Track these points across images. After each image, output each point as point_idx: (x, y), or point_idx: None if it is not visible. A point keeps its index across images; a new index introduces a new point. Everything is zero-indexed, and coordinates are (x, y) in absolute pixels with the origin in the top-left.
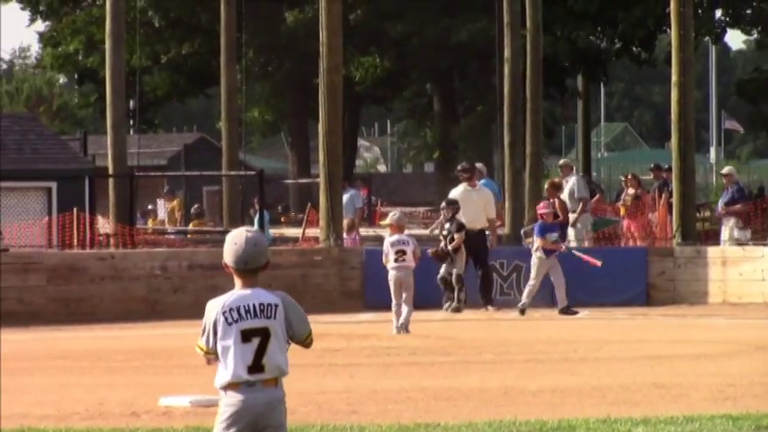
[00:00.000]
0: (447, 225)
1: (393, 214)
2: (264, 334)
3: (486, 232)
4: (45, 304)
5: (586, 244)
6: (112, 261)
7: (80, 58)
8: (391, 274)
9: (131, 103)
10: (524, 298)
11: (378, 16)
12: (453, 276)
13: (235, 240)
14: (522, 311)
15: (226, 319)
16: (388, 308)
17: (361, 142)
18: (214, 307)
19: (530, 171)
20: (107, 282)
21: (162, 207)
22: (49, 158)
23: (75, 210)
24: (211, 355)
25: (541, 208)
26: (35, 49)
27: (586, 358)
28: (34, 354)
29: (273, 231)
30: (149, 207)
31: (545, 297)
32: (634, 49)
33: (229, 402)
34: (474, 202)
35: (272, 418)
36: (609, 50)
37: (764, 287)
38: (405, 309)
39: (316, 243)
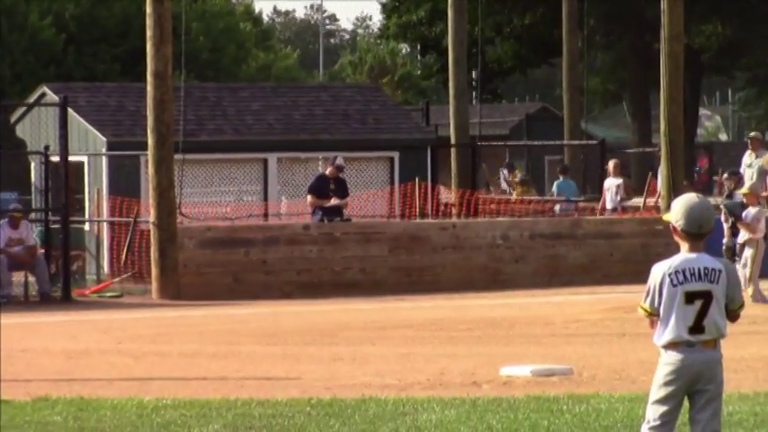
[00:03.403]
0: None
1: (749, 183)
2: (707, 297)
3: None
4: (387, 274)
5: None
6: (454, 231)
7: (423, 28)
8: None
9: (474, 73)
10: None
11: None
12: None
13: (690, 204)
14: None
15: (671, 280)
16: None
17: (703, 111)
18: (660, 269)
19: None
20: (449, 251)
21: (503, 178)
22: (392, 128)
23: (416, 179)
24: (654, 317)
25: None
26: (377, 18)
27: None
28: (376, 324)
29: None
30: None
31: None
32: None
33: (668, 361)
34: None
35: (710, 378)
36: None
37: None
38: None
39: (656, 213)
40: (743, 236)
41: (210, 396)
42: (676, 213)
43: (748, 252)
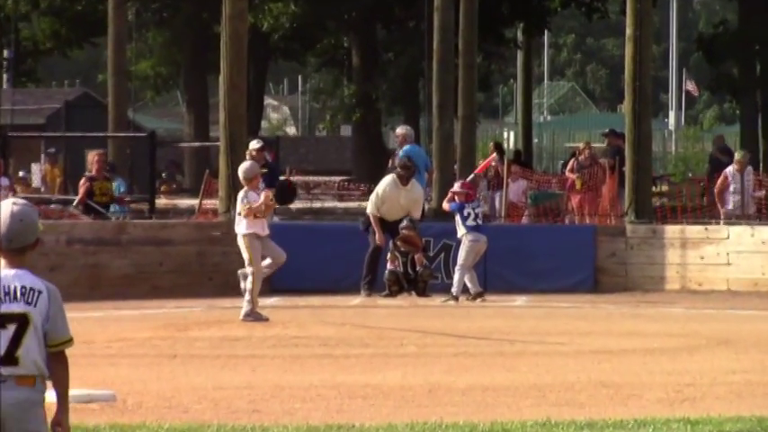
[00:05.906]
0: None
1: None
2: (23, 321)
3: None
4: None
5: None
6: None
7: None
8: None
9: (6, 53)
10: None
11: None
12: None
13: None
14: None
15: None
16: (296, 291)
17: (269, 101)
18: None
19: (461, 137)
20: None
21: (37, 173)
22: None
23: None
24: None
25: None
26: None
27: (524, 352)
28: None
29: (164, 202)
30: (21, 174)
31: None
32: None
33: None
34: (401, 203)
35: (25, 423)
36: None
37: (729, 272)
38: None
39: (214, 216)
40: None
41: None
42: None
43: None
